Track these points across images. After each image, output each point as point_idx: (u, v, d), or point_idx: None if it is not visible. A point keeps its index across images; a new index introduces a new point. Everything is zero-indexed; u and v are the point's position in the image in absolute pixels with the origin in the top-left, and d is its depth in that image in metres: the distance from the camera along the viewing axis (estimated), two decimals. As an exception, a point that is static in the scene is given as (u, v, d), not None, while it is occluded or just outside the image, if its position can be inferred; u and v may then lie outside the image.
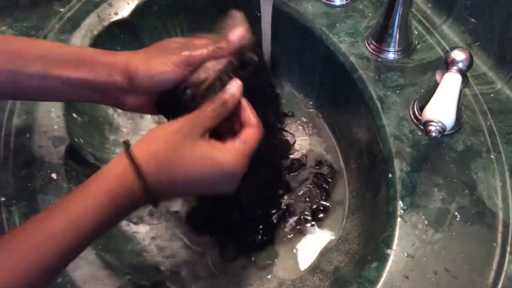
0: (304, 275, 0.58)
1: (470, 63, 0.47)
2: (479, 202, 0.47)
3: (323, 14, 0.66)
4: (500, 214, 0.46)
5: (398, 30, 0.58)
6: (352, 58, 0.61)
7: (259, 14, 0.50)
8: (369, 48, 0.61)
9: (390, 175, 0.50)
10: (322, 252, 0.60)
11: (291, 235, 0.62)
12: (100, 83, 0.44)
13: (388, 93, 0.56)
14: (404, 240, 0.45)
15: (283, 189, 0.65)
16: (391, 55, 0.60)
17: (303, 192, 0.65)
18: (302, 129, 0.72)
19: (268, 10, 0.49)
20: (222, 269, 0.59)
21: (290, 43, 0.72)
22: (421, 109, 0.52)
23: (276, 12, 0.52)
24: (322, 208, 0.64)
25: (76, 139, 0.58)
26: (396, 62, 0.60)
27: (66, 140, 0.55)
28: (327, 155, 0.69)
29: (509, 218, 0.46)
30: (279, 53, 0.72)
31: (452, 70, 0.47)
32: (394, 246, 0.45)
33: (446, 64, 0.48)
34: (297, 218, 0.63)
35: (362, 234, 0.56)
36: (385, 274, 0.43)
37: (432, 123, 0.43)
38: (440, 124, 0.43)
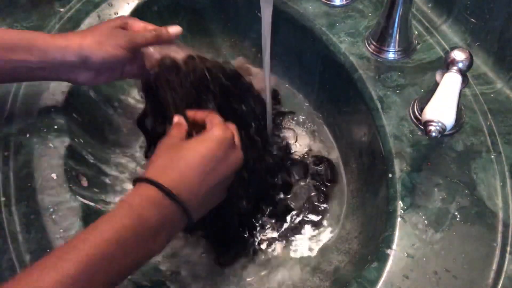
0: (304, 275, 0.58)
1: (470, 63, 0.47)
2: (479, 202, 0.47)
3: (323, 14, 0.66)
4: (500, 214, 0.46)
5: (398, 30, 0.58)
6: (352, 58, 0.61)
7: (259, 14, 0.50)
8: (369, 48, 0.61)
9: (390, 175, 0.50)
10: (322, 252, 0.60)
11: (291, 235, 0.62)
12: (55, 65, 0.50)
13: (388, 93, 0.56)
14: (404, 240, 0.45)
15: (283, 189, 0.65)
16: (391, 55, 0.60)
17: (303, 193, 0.65)
18: (302, 129, 0.72)
19: (268, 10, 0.49)
20: (222, 270, 0.59)
21: (290, 43, 0.72)
22: (421, 109, 0.52)
23: (276, 12, 0.51)
24: (322, 208, 0.64)
25: (76, 139, 0.58)
26: (396, 62, 0.60)
27: (66, 140, 0.55)
28: (327, 155, 0.69)
29: (509, 218, 0.46)
30: (279, 53, 0.73)
31: (452, 70, 0.47)
32: (394, 246, 0.45)
33: (446, 64, 0.48)
34: (297, 218, 0.63)
35: (362, 234, 0.56)
36: (385, 274, 0.43)
37: (432, 123, 0.43)
38: (440, 124, 0.43)
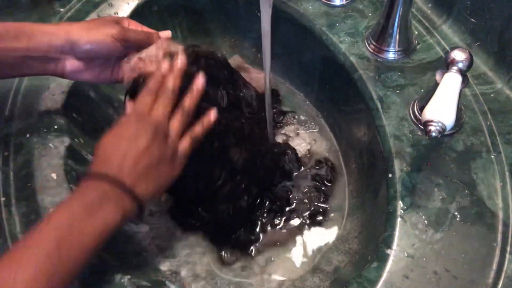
0: (304, 275, 0.58)
1: (470, 63, 0.47)
2: (479, 202, 0.47)
3: (323, 14, 0.66)
4: (500, 214, 0.46)
5: (398, 30, 0.58)
6: (352, 58, 0.61)
7: (259, 14, 0.50)
8: (369, 48, 0.61)
9: (390, 175, 0.50)
10: (322, 252, 0.60)
11: (291, 235, 0.62)
12: (42, 51, 0.49)
13: (388, 93, 0.56)
14: (404, 240, 0.45)
15: (283, 190, 0.65)
16: (391, 55, 0.60)
17: (303, 192, 0.65)
18: (302, 129, 0.72)
19: (268, 10, 0.49)
20: (222, 269, 0.59)
21: (290, 43, 0.72)
22: (421, 109, 0.52)
23: (276, 12, 0.52)
24: (322, 208, 0.64)
25: (76, 139, 0.58)
26: (396, 62, 0.60)
27: (66, 140, 0.55)
28: (327, 155, 0.69)
29: (509, 218, 0.46)
30: (279, 53, 0.73)
31: (452, 70, 0.47)
32: (394, 246, 0.45)
33: (446, 64, 0.48)
34: (297, 218, 0.63)
35: (362, 234, 0.56)
36: (385, 274, 0.43)
37: (432, 123, 0.43)
38: (440, 124, 0.43)
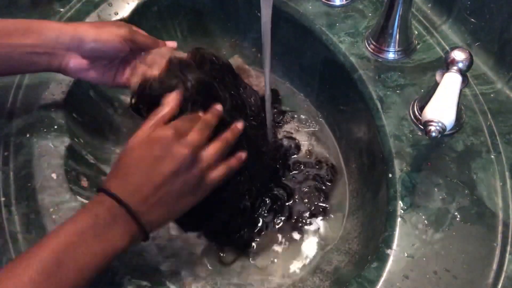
0: (304, 275, 0.58)
1: (470, 63, 0.47)
2: (479, 202, 0.47)
3: (323, 14, 0.66)
4: (500, 214, 0.46)
5: (398, 30, 0.58)
6: (352, 58, 0.61)
7: (259, 14, 0.50)
8: (369, 48, 0.61)
9: (390, 175, 0.50)
10: (322, 252, 0.60)
11: (291, 236, 0.62)
12: (49, 46, 0.49)
13: (388, 93, 0.56)
14: (404, 240, 0.45)
15: (283, 190, 0.65)
16: (391, 55, 0.60)
17: (303, 192, 0.65)
18: (302, 129, 0.72)
19: (268, 10, 0.49)
20: (222, 270, 0.59)
21: (290, 43, 0.72)
22: (421, 109, 0.52)
23: (276, 12, 0.51)
24: (322, 208, 0.64)
25: (76, 139, 0.58)
26: (396, 62, 0.60)
27: (66, 140, 0.55)
28: (327, 155, 0.69)
29: (509, 218, 0.46)
30: (279, 53, 0.73)
31: (452, 70, 0.47)
32: (394, 246, 0.45)
33: (446, 64, 0.48)
34: (297, 218, 0.63)
35: (362, 234, 0.56)
36: (385, 274, 0.43)
37: (432, 123, 0.43)
38: (440, 124, 0.43)
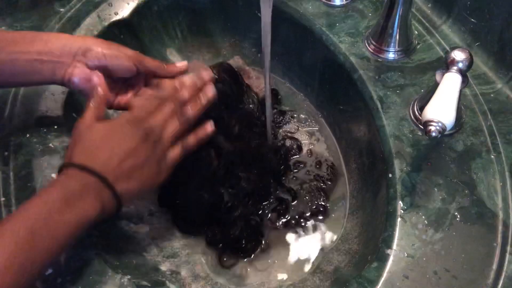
0: (304, 275, 0.58)
1: (470, 63, 0.47)
2: (479, 202, 0.47)
3: (323, 14, 0.66)
4: (500, 214, 0.46)
5: (398, 30, 0.58)
6: (352, 58, 0.61)
7: (259, 14, 0.50)
8: (369, 48, 0.61)
9: (390, 175, 0.50)
10: (322, 252, 0.60)
11: (291, 235, 0.62)
12: (55, 54, 0.48)
13: (388, 93, 0.56)
14: (404, 240, 0.45)
15: (283, 190, 0.65)
16: (391, 55, 0.60)
17: (304, 193, 0.65)
18: (302, 129, 0.72)
19: (268, 10, 0.48)
20: (222, 270, 0.59)
21: (290, 43, 0.72)
22: (421, 109, 0.52)
23: (276, 12, 0.51)
24: (322, 208, 0.64)
25: (76, 139, 0.58)
26: (396, 62, 0.60)
27: (66, 140, 0.55)
28: (327, 155, 0.69)
29: (509, 218, 0.46)
30: (279, 53, 0.73)
31: (452, 70, 0.47)
32: (394, 246, 0.45)
33: (446, 64, 0.48)
34: (298, 218, 0.63)
35: (362, 234, 0.56)
36: (385, 274, 0.43)
37: (432, 123, 0.43)
38: (440, 124, 0.43)
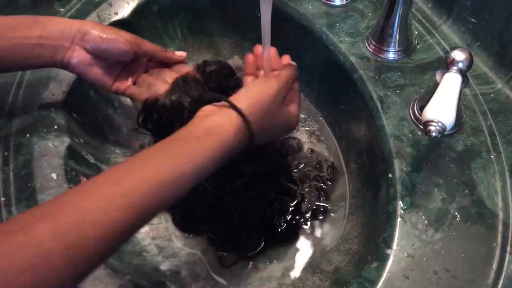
0: (304, 275, 0.58)
1: (470, 63, 0.47)
2: (479, 202, 0.47)
3: (323, 14, 0.66)
4: (500, 214, 0.46)
5: (398, 30, 0.58)
6: (352, 58, 0.61)
7: (259, 14, 0.50)
8: (369, 48, 0.61)
9: (390, 175, 0.50)
10: (322, 252, 0.60)
11: (291, 235, 0.62)
12: (54, 38, 0.50)
13: (388, 93, 0.56)
14: (404, 240, 0.45)
15: (283, 189, 0.65)
16: (391, 55, 0.60)
17: (304, 192, 0.65)
18: (302, 129, 0.72)
19: (268, 10, 0.48)
20: (222, 270, 0.59)
21: (290, 43, 0.72)
22: (421, 109, 0.52)
23: (276, 12, 0.51)
24: (322, 208, 0.64)
25: (76, 139, 0.58)
26: (396, 62, 0.60)
27: (66, 140, 0.55)
28: (327, 155, 0.69)
29: (509, 218, 0.46)
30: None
31: (452, 70, 0.47)
32: (394, 246, 0.45)
33: (446, 64, 0.47)
34: (297, 218, 0.63)
35: (362, 234, 0.56)
36: (385, 274, 0.43)
37: (432, 123, 0.43)
38: (440, 124, 0.43)
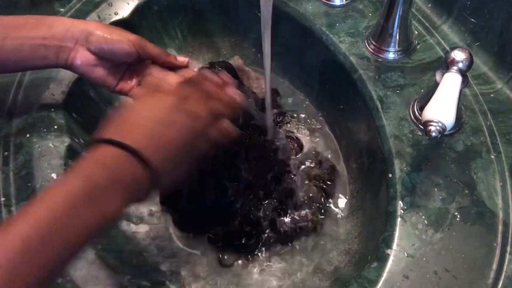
0: (304, 275, 0.58)
1: (470, 63, 0.47)
2: (479, 202, 0.47)
3: (323, 14, 0.66)
4: (500, 214, 0.46)
5: (398, 30, 0.58)
6: (352, 58, 0.61)
7: (259, 14, 0.50)
8: (369, 48, 0.61)
9: (390, 175, 0.50)
10: (322, 252, 0.60)
11: (291, 235, 0.62)
12: (58, 38, 0.49)
13: (388, 93, 0.56)
14: (404, 240, 0.45)
15: (283, 189, 0.65)
16: (391, 55, 0.60)
17: (304, 192, 0.65)
18: (302, 129, 0.72)
19: (268, 10, 0.49)
20: (222, 270, 0.59)
21: (290, 43, 0.72)
22: (421, 109, 0.52)
23: (276, 12, 0.51)
24: (322, 208, 0.64)
25: (76, 139, 0.58)
26: (396, 62, 0.60)
27: (66, 140, 0.55)
28: (327, 155, 0.69)
29: (509, 218, 0.46)
30: (279, 53, 0.72)
31: (452, 70, 0.47)
32: (394, 246, 0.45)
33: (446, 64, 0.47)
34: (297, 218, 0.63)
35: (362, 234, 0.56)
36: (385, 274, 0.43)
37: (432, 123, 0.43)
38: (440, 124, 0.43)
